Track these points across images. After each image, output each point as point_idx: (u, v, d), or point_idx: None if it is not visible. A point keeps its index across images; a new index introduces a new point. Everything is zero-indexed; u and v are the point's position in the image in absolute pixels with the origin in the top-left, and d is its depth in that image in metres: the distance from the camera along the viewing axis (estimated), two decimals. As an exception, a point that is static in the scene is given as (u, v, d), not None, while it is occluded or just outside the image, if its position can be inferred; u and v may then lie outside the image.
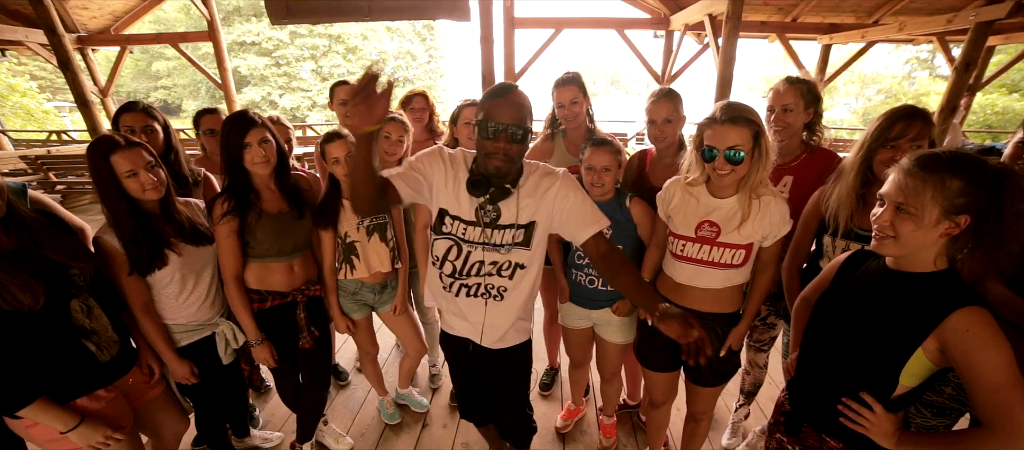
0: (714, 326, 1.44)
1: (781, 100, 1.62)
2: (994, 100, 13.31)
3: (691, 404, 1.66)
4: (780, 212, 1.29)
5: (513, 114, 1.13)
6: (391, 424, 2.20)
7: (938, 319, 0.86)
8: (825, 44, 7.04)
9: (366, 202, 1.16)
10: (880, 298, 0.98)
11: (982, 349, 0.82)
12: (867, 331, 0.98)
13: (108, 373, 1.30)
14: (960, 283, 0.90)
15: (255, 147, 1.46)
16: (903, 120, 1.27)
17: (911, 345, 0.90)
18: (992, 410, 0.83)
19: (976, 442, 0.86)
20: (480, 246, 1.27)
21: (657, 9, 6.46)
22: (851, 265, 1.12)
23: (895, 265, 0.99)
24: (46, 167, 6.22)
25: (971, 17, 4.31)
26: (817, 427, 1.12)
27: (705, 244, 1.34)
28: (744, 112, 1.24)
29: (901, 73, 20.58)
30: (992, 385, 0.82)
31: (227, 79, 6.87)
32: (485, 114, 1.15)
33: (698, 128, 1.32)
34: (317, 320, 1.74)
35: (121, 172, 1.30)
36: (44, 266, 1.15)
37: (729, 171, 1.25)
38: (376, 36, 24.62)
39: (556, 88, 1.89)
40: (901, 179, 0.90)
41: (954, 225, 0.86)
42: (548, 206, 1.25)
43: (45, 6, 4.72)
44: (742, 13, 4.38)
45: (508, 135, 1.13)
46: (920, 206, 0.87)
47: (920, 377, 0.93)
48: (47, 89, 17.00)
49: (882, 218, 0.93)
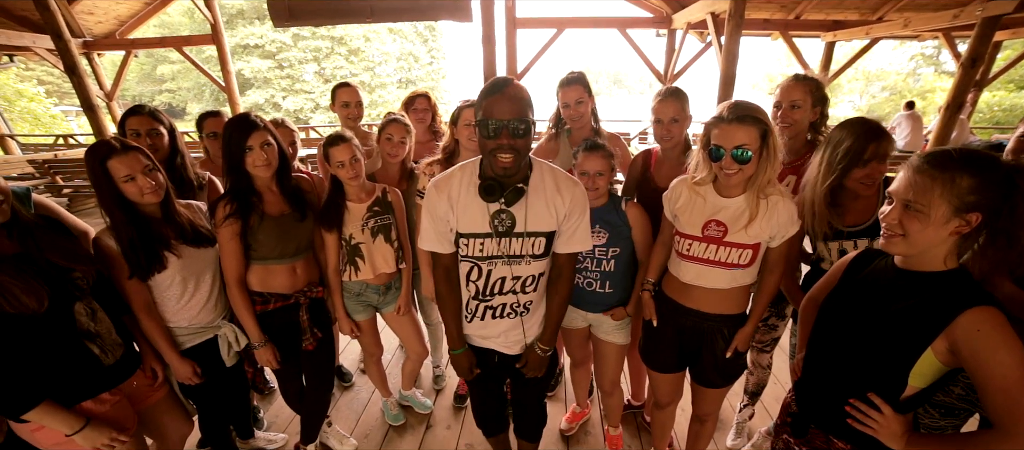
0: (719, 327, 1.42)
1: (789, 96, 1.61)
2: (1001, 97, 13.17)
3: (696, 406, 1.64)
4: (788, 212, 1.27)
5: (512, 108, 1.09)
6: (395, 425, 2.21)
7: (948, 319, 0.85)
8: (829, 41, 6.99)
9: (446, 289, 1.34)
10: (888, 298, 0.96)
11: (994, 349, 0.80)
12: (875, 331, 0.97)
13: (112, 376, 1.31)
14: (970, 282, 0.88)
15: (257, 150, 1.46)
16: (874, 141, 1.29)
17: (920, 345, 0.89)
18: (1004, 411, 0.81)
19: (987, 444, 0.84)
20: (499, 260, 1.26)
21: (659, 8, 6.44)
22: (859, 264, 1.10)
23: (904, 264, 0.97)
24: (53, 171, 6.27)
25: (978, 12, 4.27)
26: (824, 428, 1.10)
27: (711, 243, 1.33)
28: (752, 111, 1.23)
29: (906, 70, 20.41)
30: (1004, 386, 0.80)
31: (231, 82, 6.91)
32: (483, 112, 1.12)
33: (705, 127, 1.31)
34: (320, 321, 1.74)
35: (118, 177, 1.30)
36: (48, 269, 1.16)
37: (736, 170, 1.24)
38: (378, 38, 24.65)
39: (561, 88, 1.89)
40: (910, 176, 0.89)
41: (965, 223, 0.85)
42: (562, 214, 1.25)
43: (51, 12, 4.76)
44: (745, 11, 4.36)
45: (510, 130, 1.09)
46: (928, 203, 0.85)
47: (930, 378, 0.92)
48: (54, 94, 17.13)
49: (890, 216, 0.92)
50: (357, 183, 1.69)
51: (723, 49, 4.63)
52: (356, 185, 1.70)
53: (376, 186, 1.81)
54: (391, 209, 1.81)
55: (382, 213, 1.77)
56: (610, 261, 1.61)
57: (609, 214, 1.59)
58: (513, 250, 1.25)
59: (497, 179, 1.18)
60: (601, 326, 1.72)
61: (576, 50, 38.40)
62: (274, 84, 22.92)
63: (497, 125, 1.09)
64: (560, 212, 1.24)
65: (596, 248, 1.59)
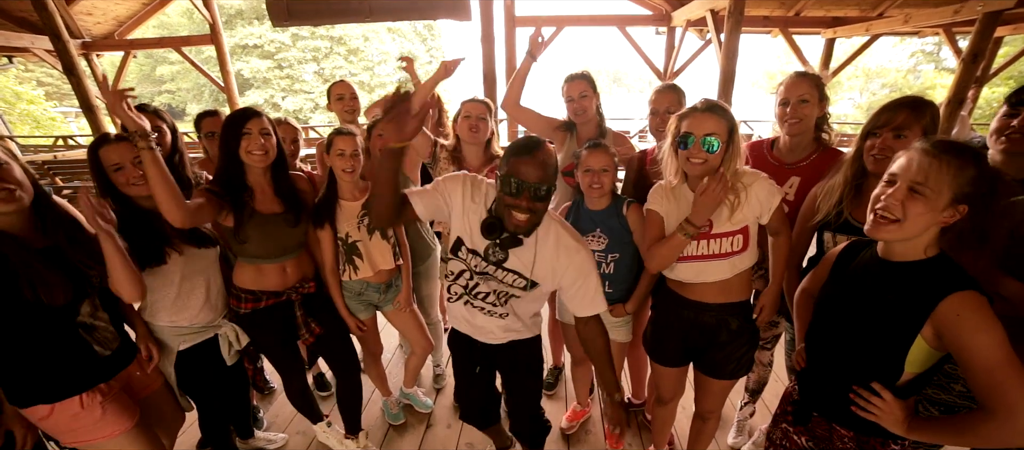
0: (725, 317, 1.42)
1: (796, 91, 1.54)
2: (1002, 94, 13.15)
3: (699, 402, 1.64)
4: (765, 187, 1.30)
5: (538, 173, 1.10)
6: (395, 424, 2.20)
7: (932, 306, 0.87)
8: (829, 38, 6.96)
9: (384, 215, 1.20)
10: (876, 288, 0.99)
11: (974, 332, 0.83)
12: (868, 322, 0.99)
13: (108, 367, 1.31)
14: (951, 268, 0.91)
15: (255, 135, 1.44)
16: (888, 111, 1.28)
17: (911, 333, 0.91)
18: (988, 391, 0.83)
19: (976, 424, 0.86)
20: (485, 277, 1.30)
21: (659, 5, 6.42)
22: (847, 257, 1.12)
23: (886, 254, 0.99)
24: (53, 172, 6.28)
25: (978, 7, 4.25)
26: (827, 416, 1.12)
27: (701, 240, 1.34)
28: (722, 105, 1.28)
29: (906, 66, 20.37)
30: (986, 366, 0.83)
31: (230, 82, 6.90)
32: (509, 169, 1.12)
33: (676, 120, 1.32)
34: (319, 314, 1.73)
35: (108, 165, 1.32)
36: (75, 265, 1.19)
37: (703, 159, 1.25)
38: (377, 37, 24.64)
39: (566, 82, 1.92)
40: (918, 158, 0.90)
41: (955, 212, 0.88)
42: (559, 279, 1.27)
43: (50, 13, 4.75)
44: (744, 8, 4.34)
45: (532, 193, 1.10)
46: (938, 187, 0.87)
47: (924, 364, 0.94)
48: (53, 95, 17.15)
49: (892, 197, 0.92)
50: (352, 178, 1.69)
51: (723, 46, 4.62)
52: (351, 180, 1.69)
53: (369, 184, 1.80)
54: None
55: None
56: (609, 265, 1.62)
57: (610, 219, 1.59)
58: (499, 277, 1.28)
59: (502, 222, 1.19)
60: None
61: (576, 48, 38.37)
62: (273, 84, 22.93)
63: (520, 185, 1.10)
64: (558, 274, 1.26)
65: (595, 253, 1.58)
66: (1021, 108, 1.23)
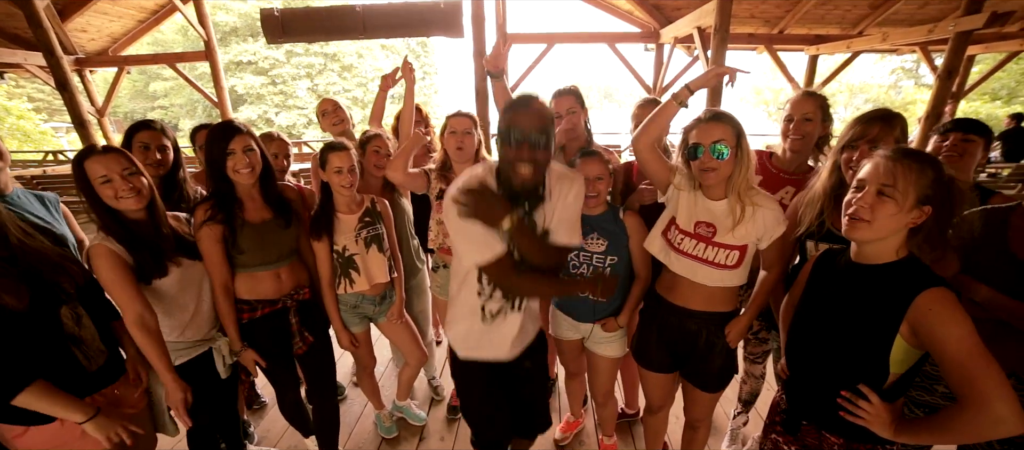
0: (707, 325, 1.44)
1: (801, 109, 1.62)
2: (977, 107, 13.59)
3: (689, 411, 1.65)
4: (773, 213, 1.32)
5: (536, 123, 1.13)
6: (388, 438, 2.19)
7: (908, 302, 0.92)
8: (812, 55, 7.19)
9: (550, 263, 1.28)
10: (853, 291, 1.04)
11: (945, 325, 0.87)
12: (848, 324, 1.02)
13: (94, 382, 1.29)
14: (921, 268, 0.96)
15: (239, 154, 1.46)
16: (861, 124, 1.34)
17: (891, 331, 0.95)
18: (960, 382, 0.87)
19: (954, 418, 0.89)
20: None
21: (647, 23, 6.60)
22: (822, 265, 1.17)
23: (859, 258, 1.05)
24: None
25: (950, 27, 4.44)
26: (816, 424, 1.13)
27: (701, 241, 1.37)
28: (727, 113, 1.31)
29: (887, 82, 21.00)
30: (957, 358, 0.86)
31: (223, 98, 6.92)
32: (507, 123, 1.15)
33: (684, 131, 1.36)
34: (311, 325, 1.73)
35: (94, 178, 1.26)
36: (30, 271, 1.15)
37: (714, 167, 1.28)
38: (371, 54, 24.85)
39: (553, 99, 1.91)
40: (884, 164, 0.96)
41: (921, 213, 0.94)
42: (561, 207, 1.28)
43: (44, 29, 4.78)
44: (730, 26, 4.48)
45: (532, 142, 1.13)
46: (904, 189, 0.93)
47: (906, 363, 0.97)
48: (44, 110, 17.03)
49: (862, 200, 0.98)
50: (349, 193, 1.71)
51: (710, 63, 4.75)
52: (348, 195, 1.72)
53: (365, 197, 1.83)
54: (380, 219, 1.83)
55: (373, 223, 1.79)
56: (607, 268, 1.63)
57: (608, 222, 1.62)
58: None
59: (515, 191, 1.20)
60: (594, 338, 1.74)
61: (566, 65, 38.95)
62: (267, 100, 22.94)
63: (520, 136, 1.13)
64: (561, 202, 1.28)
65: (594, 255, 1.61)
66: (949, 134, 1.49)
